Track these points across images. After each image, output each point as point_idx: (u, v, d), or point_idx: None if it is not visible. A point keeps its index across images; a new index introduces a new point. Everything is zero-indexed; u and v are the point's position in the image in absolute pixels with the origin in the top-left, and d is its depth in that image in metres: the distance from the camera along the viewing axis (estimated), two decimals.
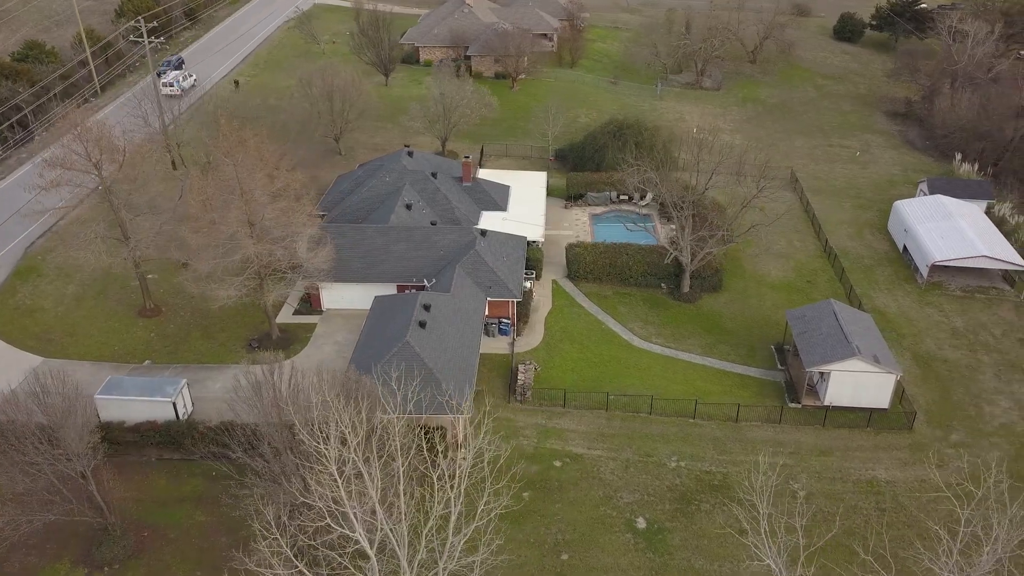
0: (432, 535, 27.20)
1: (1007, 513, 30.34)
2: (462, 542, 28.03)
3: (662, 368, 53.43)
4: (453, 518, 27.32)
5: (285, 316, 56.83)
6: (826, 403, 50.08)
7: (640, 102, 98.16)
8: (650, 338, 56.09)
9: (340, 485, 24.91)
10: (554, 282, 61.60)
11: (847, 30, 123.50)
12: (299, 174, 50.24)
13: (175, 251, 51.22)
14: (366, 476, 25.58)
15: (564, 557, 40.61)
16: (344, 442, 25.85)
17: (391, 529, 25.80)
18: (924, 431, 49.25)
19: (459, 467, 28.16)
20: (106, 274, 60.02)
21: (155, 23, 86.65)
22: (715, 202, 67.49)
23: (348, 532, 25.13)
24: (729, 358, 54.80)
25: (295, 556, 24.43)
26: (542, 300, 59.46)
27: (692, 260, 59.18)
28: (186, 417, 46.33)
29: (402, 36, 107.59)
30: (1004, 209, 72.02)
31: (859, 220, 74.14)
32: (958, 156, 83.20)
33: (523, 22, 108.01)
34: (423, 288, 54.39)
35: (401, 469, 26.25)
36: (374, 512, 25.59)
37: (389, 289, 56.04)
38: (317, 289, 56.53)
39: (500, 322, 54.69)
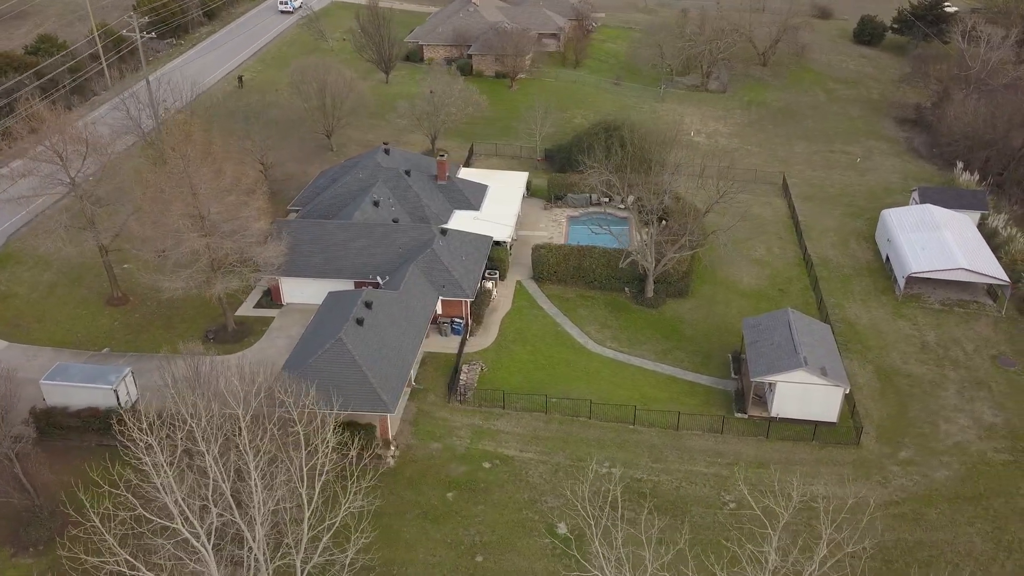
0: (285, 531, 27.44)
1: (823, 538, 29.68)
2: (327, 536, 28.15)
3: (611, 373, 52.89)
4: (307, 513, 27.49)
5: (246, 309, 57.72)
6: (773, 414, 49.06)
7: (640, 103, 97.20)
8: (604, 342, 55.56)
9: (170, 474, 25.32)
10: (518, 283, 61.38)
11: (867, 33, 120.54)
12: (249, 169, 50.88)
13: (135, 243, 52.28)
14: (214, 467, 25.92)
15: (479, 559, 40.51)
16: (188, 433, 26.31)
17: (240, 520, 26.10)
18: (872, 447, 47.90)
19: (320, 463, 28.29)
20: (82, 263, 61.54)
21: (148, 18, 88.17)
22: (691, 206, 66.45)
23: (167, 522, 25.61)
24: (683, 365, 54.01)
25: (121, 544, 24.96)
26: (503, 300, 59.32)
27: (656, 265, 58.43)
28: (129, 405, 47.34)
29: (409, 34, 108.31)
30: (998, 221, 69.57)
31: (846, 228, 72.37)
32: (959, 165, 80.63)
33: (529, 21, 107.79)
34: (376, 285, 54.73)
35: (252, 463, 26.53)
36: (207, 503, 25.98)
37: (348, 285, 56.42)
38: (277, 283, 57.27)
39: (453, 321, 54.71)
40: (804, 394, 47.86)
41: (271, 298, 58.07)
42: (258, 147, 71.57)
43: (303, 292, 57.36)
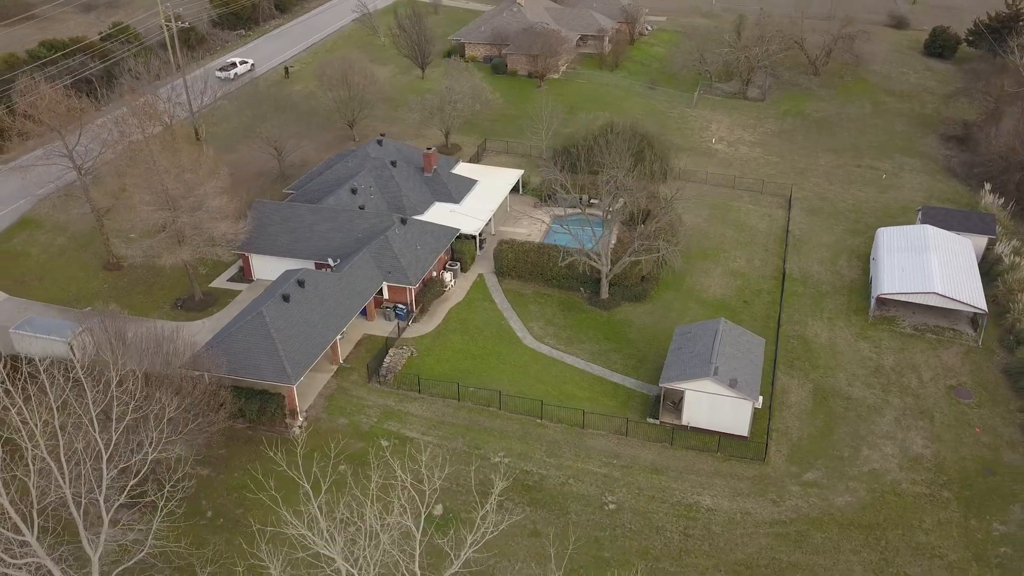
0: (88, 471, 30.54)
1: None
2: (134, 480, 31.04)
3: (539, 368, 53.66)
4: (105, 456, 30.56)
5: (220, 282, 61.95)
6: (684, 423, 48.63)
7: (670, 108, 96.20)
8: (543, 339, 56.32)
9: None
10: (480, 276, 62.87)
11: (938, 45, 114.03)
12: (211, 151, 54.73)
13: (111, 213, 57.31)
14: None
15: (350, 530, 42.48)
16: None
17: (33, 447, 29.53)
18: (780, 465, 46.74)
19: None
20: (93, 230, 67.51)
21: (181, 11, 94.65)
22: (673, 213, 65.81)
23: None
24: (614, 367, 54.10)
25: None
26: (459, 291, 60.99)
27: (611, 267, 58.55)
28: (86, 358, 52.05)
29: (456, 32, 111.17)
30: (1006, 248, 65.27)
31: (841, 245, 69.69)
32: (987, 186, 75.87)
33: (573, 22, 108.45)
34: (329, 267, 57.60)
35: (59, 419, 29.92)
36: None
37: (309, 265, 59.53)
38: (248, 259, 61.17)
39: (396, 307, 56.92)
40: (713, 404, 47.26)
41: (243, 273, 62.08)
42: (272, 134, 76.29)
43: (270, 269, 60.92)
